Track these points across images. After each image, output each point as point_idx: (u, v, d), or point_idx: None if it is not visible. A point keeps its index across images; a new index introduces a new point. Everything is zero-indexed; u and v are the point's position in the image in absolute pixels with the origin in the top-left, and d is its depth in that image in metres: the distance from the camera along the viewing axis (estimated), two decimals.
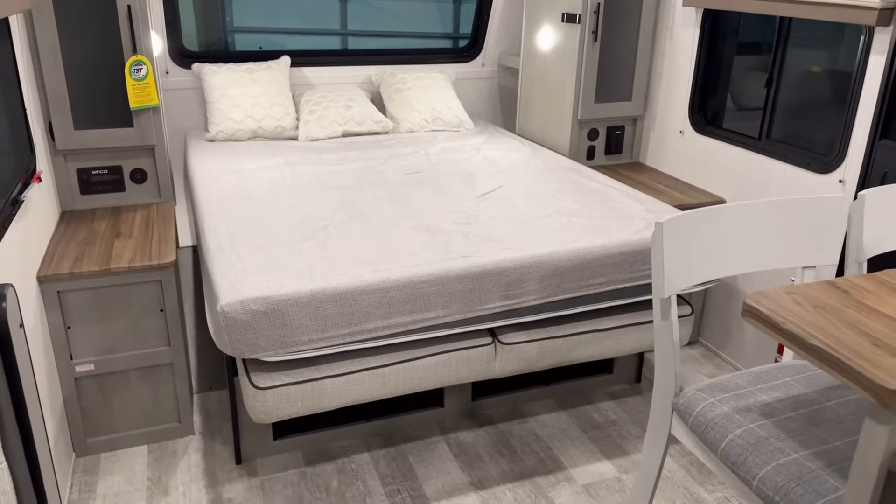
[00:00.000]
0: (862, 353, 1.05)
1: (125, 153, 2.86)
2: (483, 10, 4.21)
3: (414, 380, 2.24)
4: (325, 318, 2.04)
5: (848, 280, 1.30)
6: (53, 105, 2.66)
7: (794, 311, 1.18)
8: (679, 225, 1.44)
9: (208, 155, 3.37)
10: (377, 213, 2.62)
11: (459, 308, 2.20)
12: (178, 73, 3.75)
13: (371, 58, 4.20)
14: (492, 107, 4.50)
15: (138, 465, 2.50)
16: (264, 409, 2.07)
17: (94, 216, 2.79)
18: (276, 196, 2.79)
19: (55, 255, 2.41)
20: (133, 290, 2.38)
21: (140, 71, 2.73)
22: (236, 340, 1.98)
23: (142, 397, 2.54)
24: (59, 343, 2.35)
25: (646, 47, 3.47)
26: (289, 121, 3.73)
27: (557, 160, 3.39)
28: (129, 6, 2.64)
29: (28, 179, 2.23)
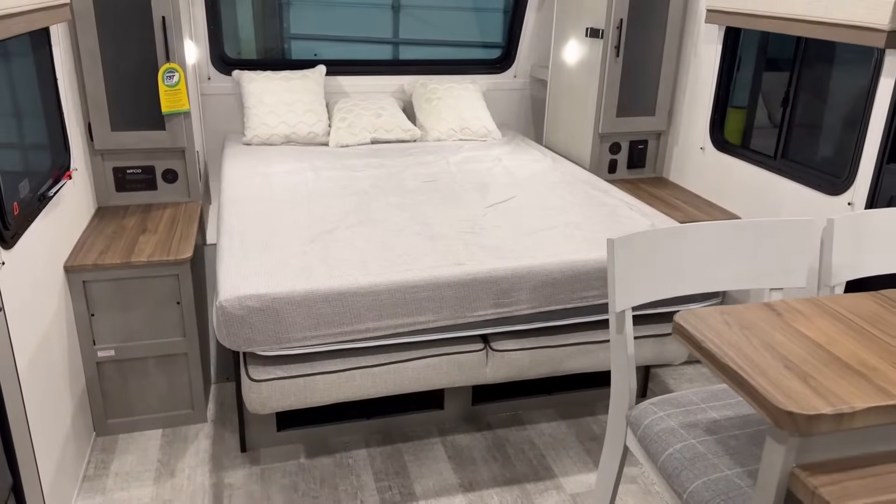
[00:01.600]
0: (768, 375, 1.08)
1: (158, 154, 3.05)
2: (515, 23, 4.28)
3: (404, 381, 2.33)
4: (319, 317, 2.15)
5: (786, 303, 1.32)
6: (93, 107, 2.86)
7: (718, 330, 1.21)
8: (632, 242, 1.49)
9: (241, 158, 3.55)
10: (386, 219, 2.72)
11: (450, 314, 2.28)
12: (220, 79, 3.95)
13: (405, 68, 4.31)
14: (523, 118, 4.56)
15: (151, 447, 2.66)
16: (259, 399, 2.19)
17: (126, 212, 2.98)
18: (294, 199, 2.93)
19: (84, 246, 2.60)
20: (152, 282, 2.55)
21: (173, 78, 2.91)
22: (233, 334, 2.11)
23: (158, 384, 2.70)
24: (84, 329, 2.53)
25: (670, 63, 3.48)
26: (321, 127, 3.88)
27: (576, 172, 3.43)
28: (163, 17, 2.82)
29: (60, 176, 2.42)
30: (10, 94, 2.39)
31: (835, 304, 1.32)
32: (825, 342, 1.19)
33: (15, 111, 2.43)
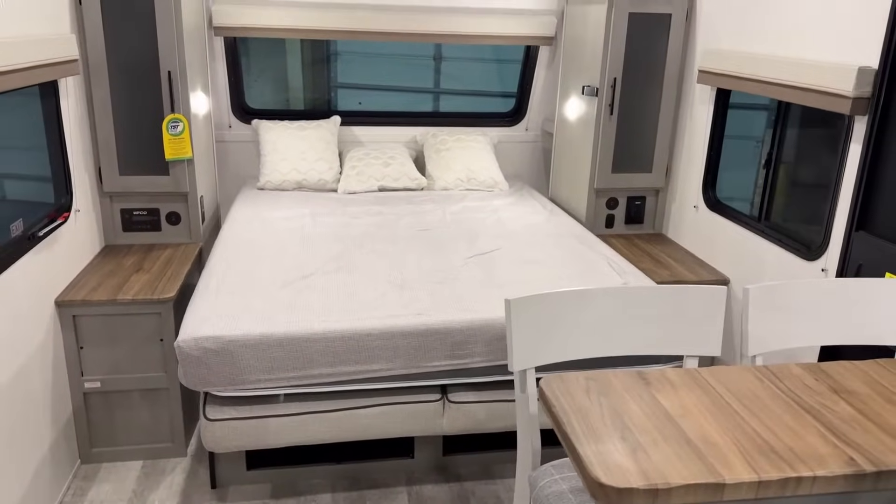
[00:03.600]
0: (599, 444, 1.09)
1: (162, 198, 3.24)
2: (526, 79, 4.37)
3: (359, 428, 2.37)
4: (273, 360, 2.23)
5: (661, 372, 1.32)
6: (103, 152, 3.08)
7: (574, 396, 1.23)
8: (532, 303, 1.52)
9: (251, 202, 3.72)
10: (365, 267, 2.80)
11: (404, 363, 2.33)
12: (240, 127, 4.17)
13: (418, 119, 4.45)
14: (536, 170, 4.61)
15: (129, 477, 2.77)
16: (213, 439, 2.28)
17: (129, 251, 3.17)
18: (284, 244, 3.05)
19: (80, 282, 2.78)
20: (137, 319, 2.69)
21: (177, 127, 3.11)
22: (189, 374, 2.21)
23: (141, 417, 2.82)
24: (72, 360, 2.69)
25: (667, 121, 3.49)
26: (331, 174, 4.03)
27: (569, 226, 3.45)
28: (169, 72, 3.03)
29: (56, 217, 2.61)
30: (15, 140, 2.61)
31: (711, 377, 1.32)
32: (678, 415, 1.19)
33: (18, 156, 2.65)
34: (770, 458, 1.09)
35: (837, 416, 1.21)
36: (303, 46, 5.72)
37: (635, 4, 3.29)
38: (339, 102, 6.66)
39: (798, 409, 1.23)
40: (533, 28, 4.07)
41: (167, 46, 3.00)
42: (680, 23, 3.33)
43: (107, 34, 2.94)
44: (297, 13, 3.79)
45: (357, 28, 3.95)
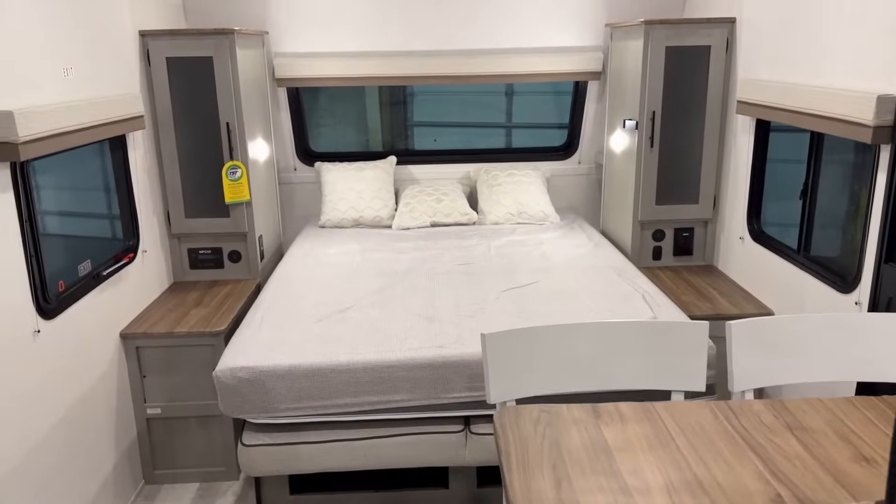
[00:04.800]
0: (528, 473, 1.15)
1: (224, 238, 3.51)
2: (577, 112, 4.42)
3: (384, 456, 2.48)
4: (300, 390, 2.39)
5: (615, 406, 1.36)
6: (171, 197, 3.39)
7: (521, 427, 1.29)
8: (506, 338, 1.59)
9: (309, 240, 3.95)
10: (400, 301, 2.93)
11: (425, 394, 2.42)
12: (304, 169, 4.44)
13: (472, 156, 4.58)
14: (590, 203, 4.62)
15: (186, 498, 2.99)
16: (248, 463, 2.44)
17: (194, 287, 3.45)
18: (330, 279, 3.23)
19: (145, 316, 3.06)
20: (192, 350, 2.93)
21: (235, 173, 3.38)
22: (226, 402, 2.39)
23: (198, 442, 3.05)
24: (136, 388, 2.95)
25: (711, 151, 3.45)
26: (386, 212, 4.21)
27: (612, 259, 3.45)
28: (227, 123, 3.32)
29: (121, 258, 2.91)
30: (93, 189, 2.93)
31: (665, 412, 1.34)
32: (617, 448, 1.23)
33: (95, 204, 2.97)
34: (694, 493, 1.11)
35: (781, 453, 1.21)
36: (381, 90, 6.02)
37: (672, 38, 3.31)
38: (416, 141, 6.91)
39: (742, 445, 1.24)
40: (581, 64, 4.14)
41: (225, 100, 3.29)
42: (720, 54, 3.32)
43: (172, 91, 3.26)
44: (351, 63, 4.03)
45: (410, 73, 4.15)
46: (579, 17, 4.05)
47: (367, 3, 3.98)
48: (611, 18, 3.98)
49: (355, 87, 5.04)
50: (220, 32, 3.25)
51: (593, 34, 4.07)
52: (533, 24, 4.10)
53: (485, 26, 4.11)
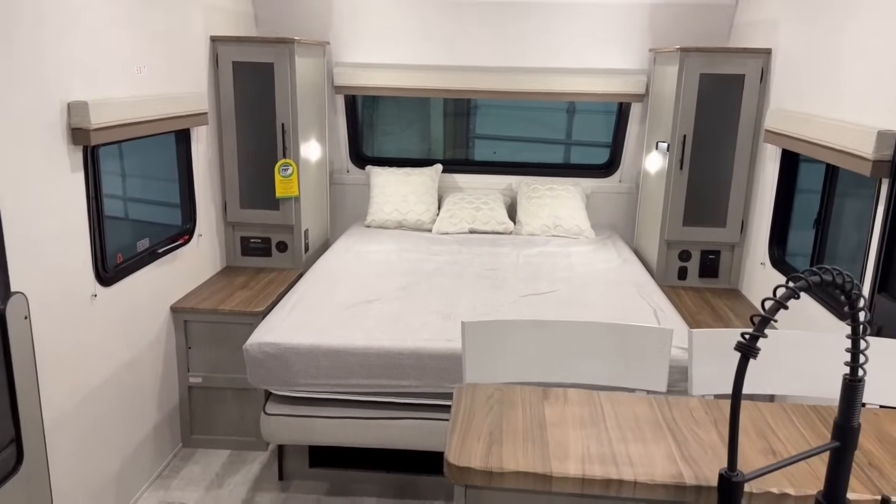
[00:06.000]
0: (467, 436, 1.34)
1: (273, 229, 3.81)
2: (619, 132, 4.54)
3: (391, 436, 2.69)
4: (319, 368, 2.63)
5: (564, 391, 1.52)
6: (228, 188, 3.72)
7: (475, 400, 1.47)
8: (484, 328, 1.78)
9: (353, 237, 4.21)
10: (423, 297, 3.14)
11: (432, 382, 2.62)
12: (356, 172, 4.72)
13: (515, 168, 4.76)
14: (628, 220, 4.71)
15: (215, 462, 3.28)
16: (269, 430, 2.70)
17: (242, 272, 3.76)
18: (363, 273, 3.48)
19: (195, 293, 3.37)
20: (233, 328, 3.23)
21: (287, 170, 3.68)
22: (253, 373, 2.66)
23: (233, 412, 3.34)
24: (181, 358, 3.27)
25: (741, 177, 3.53)
26: (429, 216, 4.44)
27: (635, 275, 3.56)
28: (282, 124, 3.62)
29: (177, 239, 3.23)
30: (157, 175, 3.28)
31: (606, 400, 1.50)
32: (552, 423, 1.39)
33: (157, 189, 3.32)
34: (604, 462, 1.27)
35: (697, 441, 1.35)
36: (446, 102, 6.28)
37: (707, 66, 3.41)
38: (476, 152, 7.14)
39: (664, 432, 1.38)
40: (625, 86, 4.26)
41: (282, 103, 3.60)
42: (753, 83, 3.40)
43: (236, 92, 3.59)
44: (404, 74, 4.28)
45: (461, 87, 4.37)
46: (626, 41, 4.18)
47: (423, 20, 4.23)
48: (655, 43, 4.10)
49: (421, 99, 5.30)
50: (282, 41, 3.56)
51: (638, 58, 4.19)
52: (583, 46, 4.26)
53: (536, 46, 4.29)
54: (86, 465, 2.56)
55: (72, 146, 2.39)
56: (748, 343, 0.93)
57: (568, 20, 4.18)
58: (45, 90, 2.24)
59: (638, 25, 4.12)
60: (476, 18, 4.24)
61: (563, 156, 7.48)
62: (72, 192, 2.41)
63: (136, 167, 3.11)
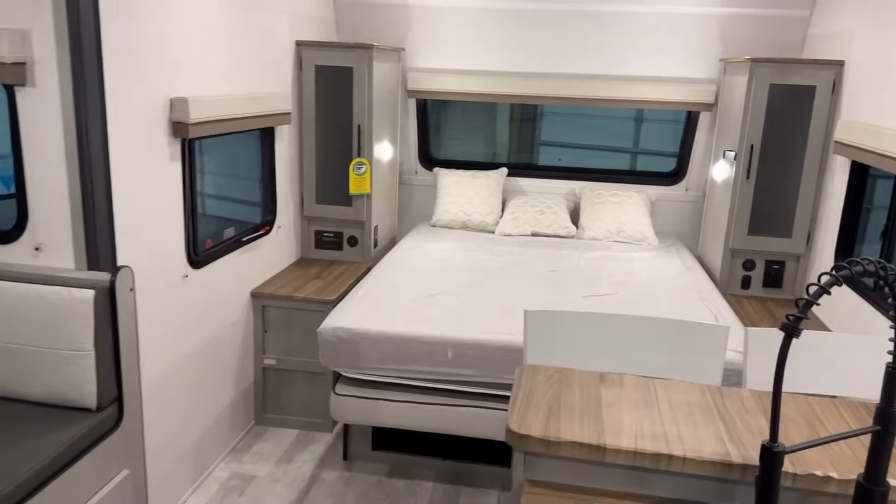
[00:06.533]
0: (527, 409, 1.46)
1: (345, 224, 4.02)
2: (687, 141, 4.57)
3: (450, 422, 2.82)
4: (385, 353, 2.79)
5: (619, 377, 1.63)
6: (306, 184, 3.94)
7: (535, 380, 1.59)
8: (546, 317, 1.89)
9: (419, 235, 4.38)
10: (485, 294, 3.27)
11: (492, 372, 2.74)
12: (424, 173, 4.89)
13: (579, 174, 4.83)
14: (694, 229, 4.72)
15: (285, 441, 3.48)
16: (337, 409, 2.88)
17: (315, 264, 3.97)
18: (428, 270, 3.63)
19: (273, 281, 3.60)
20: (306, 314, 3.43)
21: (361, 169, 3.88)
22: (325, 355, 2.84)
23: (302, 394, 3.54)
24: (258, 340, 3.49)
25: (809, 188, 3.52)
26: (492, 218, 4.57)
27: (698, 282, 3.60)
28: (359, 125, 3.82)
29: (259, 229, 3.46)
30: (243, 169, 3.52)
31: (661, 387, 1.59)
32: (607, 404, 1.50)
33: (243, 182, 3.55)
34: (655, 439, 1.36)
35: (747, 427, 1.43)
36: (512, 108, 6.40)
37: (777, 76, 3.43)
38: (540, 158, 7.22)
39: (715, 416, 1.47)
40: (694, 95, 4.29)
41: (359, 105, 3.80)
42: (825, 95, 3.39)
43: (317, 94, 3.81)
44: (475, 80, 4.42)
45: (530, 93, 4.49)
46: (696, 50, 4.21)
47: (493, 28, 4.37)
48: (726, 53, 4.11)
49: (488, 105, 5.44)
50: (362, 46, 3.76)
51: (708, 67, 4.22)
52: (652, 55, 4.31)
53: (606, 53, 4.37)
54: (171, 431, 2.79)
55: (172, 138, 2.62)
56: (792, 323, 1.02)
57: (638, 29, 4.24)
58: (154, 86, 2.48)
59: (709, 35, 4.15)
60: (546, 26, 4.35)
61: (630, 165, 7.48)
62: (171, 181, 2.64)
63: (224, 161, 3.36)
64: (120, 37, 2.23)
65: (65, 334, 2.00)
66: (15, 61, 2.01)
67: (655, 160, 6.53)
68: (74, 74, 2.04)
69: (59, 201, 2.13)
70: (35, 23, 2.03)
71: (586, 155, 7.29)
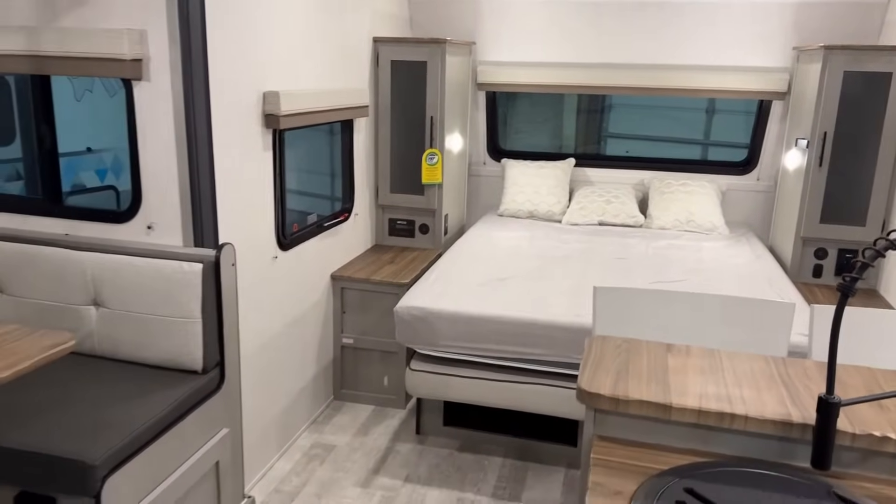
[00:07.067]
0: (598, 370, 1.58)
1: (417, 212, 4.19)
2: (759, 130, 4.54)
3: (519, 399, 2.96)
4: (458, 332, 2.94)
5: (686, 347, 1.72)
6: (380, 174, 4.14)
7: (605, 349, 1.71)
8: (614, 293, 2.00)
9: (488, 224, 4.52)
10: (552, 278, 3.38)
11: (560, 352, 2.86)
12: (492, 164, 5.02)
13: (648, 164, 4.87)
14: (765, 219, 4.68)
15: (361, 416, 3.68)
16: (412, 384, 3.05)
17: (389, 250, 4.16)
18: (497, 256, 3.76)
19: (350, 265, 3.80)
20: (381, 296, 3.62)
21: (433, 159, 4.04)
22: (401, 332, 3.02)
23: (377, 372, 3.74)
24: (337, 320, 3.70)
25: (884, 177, 3.48)
26: (559, 207, 4.67)
27: (769, 271, 3.61)
28: (431, 117, 3.98)
29: (338, 216, 3.67)
30: (324, 159, 3.73)
31: (726, 356, 1.68)
32: (673, 370, 1.60)
33: (323, 171, 3.77)
34: (719, 400, 1.46)
35: (810, 393, 1.51)
36: (579, 100, 6.45)
37: (852, 64, 3.41)
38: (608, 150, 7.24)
39: (778, 383, 1.55)
40: (767, 84, 4.27)
41: (432, 98, 3.96)
42: None
43: (392, 87, 3.99)
44: (544, 72, 4.53)
45: (599, 83, 4.56)
46: (769, 38, 4.20)
47: (561, 19, 4.46)
48: (800, 41, 4.08)
49: (555, 97, 5.52)
50: (435, 41, 3.92)
51: (781, 56, 4.19)
52: (724, 44, 4.31)
53: (677, 43, 4.40)
54: (261, 401, 3.02)
55: (264, 129, 2.84)
56: (848, 284, 1.12)
57: (709, 18, 4.25)
58: (249, 81, 2.70)
59: (782, 23, 4.12)
60: (614, 17, 4.40)
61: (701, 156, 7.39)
62: (263, 169, 2.86)
63: (308, 152, 3.58)
64: (222, 36, 2.45)
65: (176, 303, 2.23)
66: (133, 58, 2.25)
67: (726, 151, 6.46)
68: (184, 70, 2.26)
69: (169, 185, 2.37)
70: (150, 23, 2.26)
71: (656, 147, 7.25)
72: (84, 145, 3.85)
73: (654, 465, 1.41)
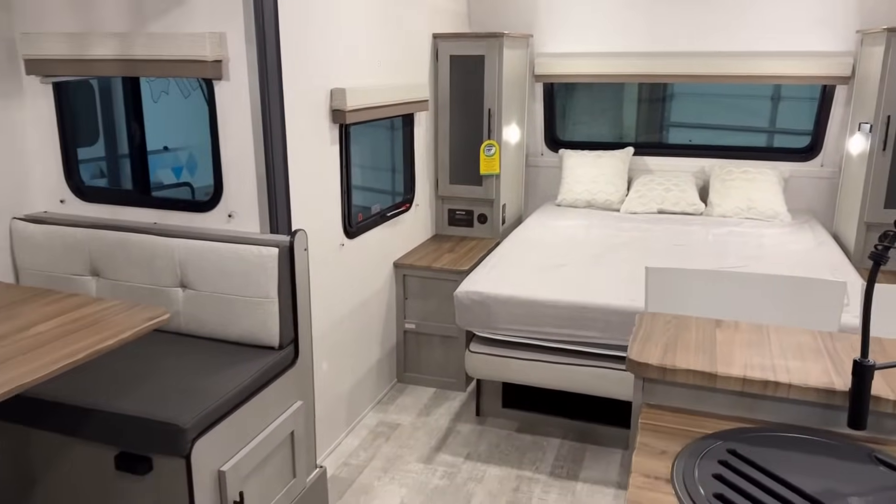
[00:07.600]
0: (647, 343, 1.67)
1: (476, 202, 4.32)
2: (822, 116, 4.47)
3: (575, 381, 3.05)
4: (515, 315, 3.05)
5: (736, 322, 1.79)
6: (440, 166, 4.28)
7: (654, 325, 1.79)
8: (665, 273, 2.08)
9: (545, 214, 4.61)
10: (609, 265, 3.45)
11: (615, 335, 2.94)
12: (550, 155, 5.10)
13: (708, 151, 4.85)
14: (829, 205, 4.61)
15: (423, 397, 3.84)
16: (472, 366, 3.19)
17: (448, 239, 4.31)
18: (555, 243, 3.85)
19: (412, 253, 3.96)
20: (442, 283, 3.76)
21: (490, 150, 4.16)
22: (460, 316, 3.15)
23: (438, 356, 3.88)
24: (399, 306, 3.87)
25: None
26: (617, 196, 4.71)
27: (831, 257, 3.58)
28: (489, 109, 4.09)
29: (400, 206, 3.83)
30: (386, 152, 3.90)
31: (774, 332, 1.74)
32: (721, 342, 1.68)
33: (386, 164, 3.94)
34: (764, 369, 1.54)
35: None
36: (640, 89, 6.45)
37: None
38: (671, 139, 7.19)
39: (823, 356, 1.61)
40: (830, 69, 4.22)
41: (490, 90, 4.07)
42: None
43: (451, 82, 4.12)
44: (600, 62, 4.58)
45: (657, 72, 4.58)
46: (832, 22, 4.14)
47: (618, 8, 4.50)
48: (864, 24, 4.01)
49: (615, 86, 5.54)
50: (493, 35, 4.03)
51: (844, 40, 4.13)
52: (785, 30, 4.27)
53: (736, 30, 4.38)
54: (330, 380, 3.20)
55: (331, 124, 3.01)
56: (880, 252, 1.18)
57: (771, 2, 4.22)
58: (317, 78, 2.87)
59: (845, 7, 4.06)
60: (672, 4, 4.41)
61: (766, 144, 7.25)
62: (331, 161, 3.04)
63: (371, 146, 3.75)
64: (293, 36, 2.63)
65: (255, 284, 2.42)
66: (215, 59, 2.44)
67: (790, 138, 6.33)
68: (260, 69, 2.45)
69: (247, 176, 2.56)
70: (229, 26, 2.45)
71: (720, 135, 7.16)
72: (161, 144, 4.13)
73: (699, 429, 1.50)
